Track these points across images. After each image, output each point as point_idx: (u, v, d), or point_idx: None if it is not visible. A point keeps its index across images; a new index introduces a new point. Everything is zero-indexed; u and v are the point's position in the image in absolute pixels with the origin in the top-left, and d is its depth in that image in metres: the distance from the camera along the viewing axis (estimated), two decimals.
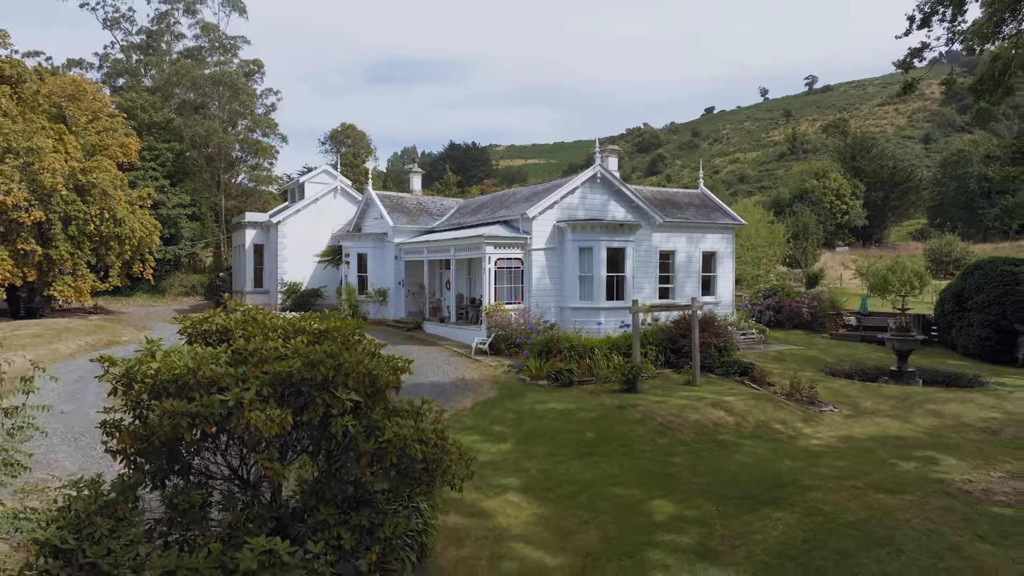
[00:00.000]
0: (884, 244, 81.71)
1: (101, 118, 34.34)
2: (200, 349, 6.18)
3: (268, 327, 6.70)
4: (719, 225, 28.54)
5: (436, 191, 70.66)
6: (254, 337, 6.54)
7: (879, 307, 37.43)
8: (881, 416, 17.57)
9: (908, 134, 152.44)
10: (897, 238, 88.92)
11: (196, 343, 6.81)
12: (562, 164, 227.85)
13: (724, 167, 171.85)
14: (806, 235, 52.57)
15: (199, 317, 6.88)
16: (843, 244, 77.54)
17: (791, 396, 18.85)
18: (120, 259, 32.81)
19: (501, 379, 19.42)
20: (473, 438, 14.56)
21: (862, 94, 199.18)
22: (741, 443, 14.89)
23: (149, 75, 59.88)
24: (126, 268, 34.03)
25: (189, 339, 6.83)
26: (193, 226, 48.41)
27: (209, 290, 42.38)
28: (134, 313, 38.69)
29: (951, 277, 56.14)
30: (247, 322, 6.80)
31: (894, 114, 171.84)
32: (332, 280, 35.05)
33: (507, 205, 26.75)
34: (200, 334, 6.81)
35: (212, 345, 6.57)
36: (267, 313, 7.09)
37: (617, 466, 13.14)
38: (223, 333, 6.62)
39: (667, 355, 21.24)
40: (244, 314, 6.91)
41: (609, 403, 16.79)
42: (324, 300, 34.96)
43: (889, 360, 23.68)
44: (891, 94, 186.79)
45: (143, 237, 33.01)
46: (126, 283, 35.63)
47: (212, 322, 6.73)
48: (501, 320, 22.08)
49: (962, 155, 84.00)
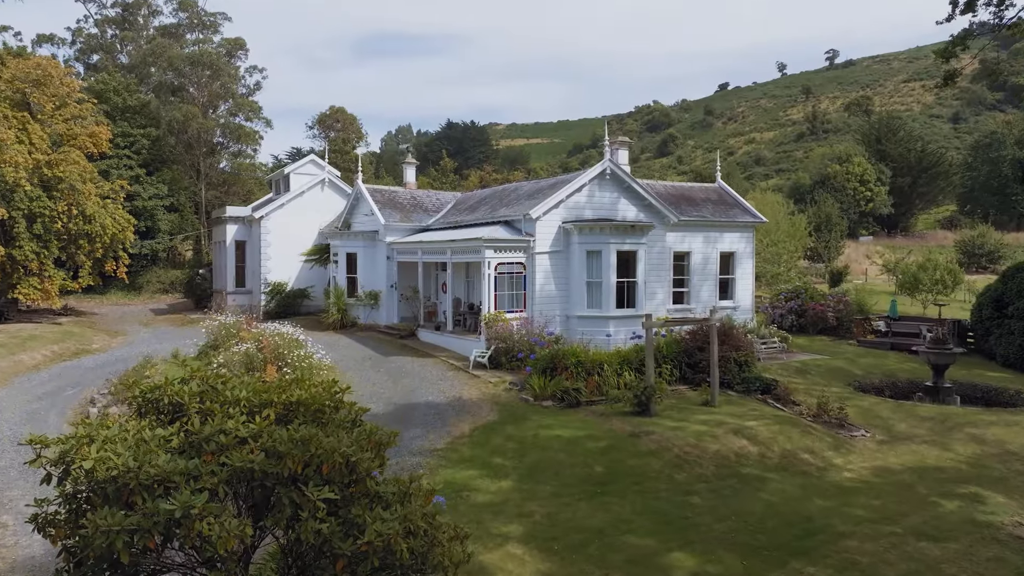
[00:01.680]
0: (911, 233, 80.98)
1: (69, 104, 33.60)
2: (148, 433, 5.55)
3: (229, 400, 6.08)
4: (738, 223, 27.86)
5: (432, 178, 69.90)
6: (212, 414, 5.91)
7: (908, 307, 36.81)
8: (918, 442, 17.00)
9: (936, 113, 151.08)
10: (924, 226, 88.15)
11: (148, 416, 6.19)
12: (567, 144, 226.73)
13: (739, 148, 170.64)
14: (829, 227, 51.85)
15: (150, 385, 6.25)
16: (867, 233, 76.80)
17: (818, 418, 18.28)
18: (91, 258, 32.22)
19: (502, 399, 18.84)
20: (471, 473, 14.01)
21: (887, 69, 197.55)
22: (766, 477, 14.32)
23: (125, 51, 58.99)
24: (98, 266, 33.44)
25: (139, 411, 6.21)
26: (171, 218, 47.76)
27: (188, 288, 41.79)
28: (108, 314, 38.16)
29: (984, 272, 55.57)
30: (205, 393, 6.17)
31: (921, 91, 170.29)
32: (320, 279, 34.42)
33: (508, 203, 26.08)
34: (151, 404, 6.18)
35: (163, 423, 5.94)
36: (228, 380, 6.46)
37: (630, 508, 12.58)
38: (177, 408, 6.00)
39: (682, 369, 20.67)
40: (202, 382, 6.29)
41: (620, 429, 16.22)
42: (312, 301, 34.35)
43: (922, 371, 23.09)
44: (917, 70, 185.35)
45: (115, 233, 32.39)
46: (98, 282, 35.07)
47: (165, 392, 6.10)
48: (502, 331, 21.48)
49: (995, 137, 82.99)
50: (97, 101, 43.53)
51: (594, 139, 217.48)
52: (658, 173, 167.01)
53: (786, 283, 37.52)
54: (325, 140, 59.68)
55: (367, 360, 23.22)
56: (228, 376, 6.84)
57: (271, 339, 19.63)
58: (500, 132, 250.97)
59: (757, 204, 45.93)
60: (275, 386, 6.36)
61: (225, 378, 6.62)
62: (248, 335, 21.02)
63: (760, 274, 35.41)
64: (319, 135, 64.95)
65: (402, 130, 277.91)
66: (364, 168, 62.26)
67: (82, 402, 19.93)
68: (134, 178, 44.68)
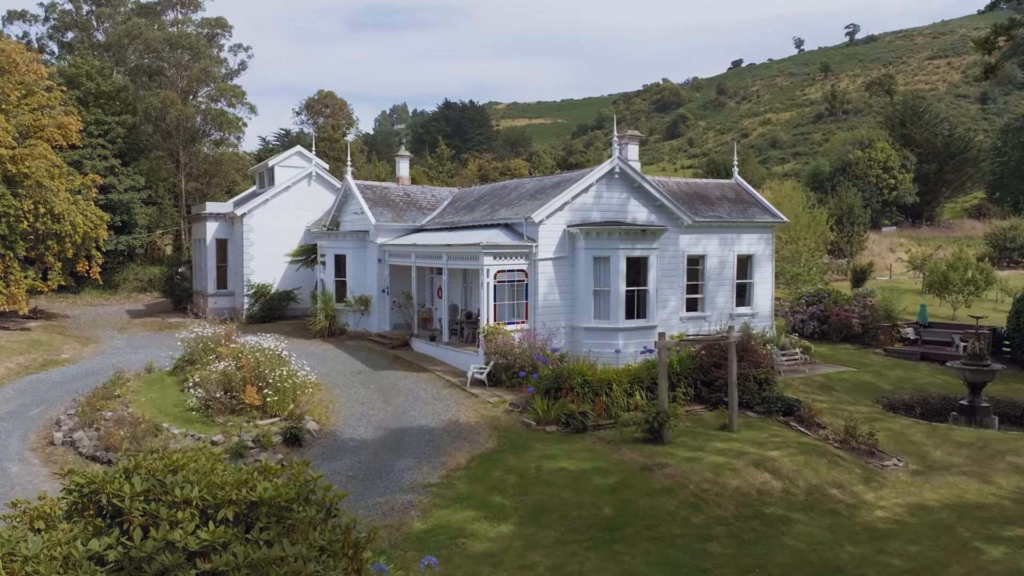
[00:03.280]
0: (937, 223, 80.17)
1: (37, 93, 32.78)
2: (78, 549, 4.91)
3: (178, 500, 5.42)
4: (757, 223, 27.17)
5: (428, 166, 69.05)
6: (158, 518, 5.26)
7: (937, 307, 36.16)
8: (955, 473, 16.40)
9: (963, 92, 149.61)
10: (951, 215, 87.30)
11: (84, 516, 5.56)
12: (571, 124, 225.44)
13: (753, 129, 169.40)
14: (851, 219, 51.08)
15: (85, 478, 5.61)
16: (890, 223, 75.99)
17: (846, 443, 17.68)
18: (61, 258, 31.55)
19: (502, 422, 18.24)
20: (468, 515, 13.42)
21: (910, 46, 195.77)
22: (791, 518, 13.74)
23: (102, 28, 57.99)
24: (69, 267, 32.78)
25: (68, 513, 5.57)
26: (149, 212, 47.04)
27: (168, 287, 41.14)
28: (81, 316, 37.55)
29: (1016, 267, 54.83)
30: (151, 490, 5.51)
31: (947, 69, 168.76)
32: (308, 280, 33.78)
33: (509, 203, 25.39)
34: (89, 499, 5.54)
35: (100, 529, 5.30)
36: (182, 465, 5.83)
37: (642, 559, 11.99)
38: (117, 511, 5.35)
39: (697, 388, 20.07)
40: (147, 476, 5.64)
41: (631, 461, 15.62)
42: (298, 304, 33.74)
43: (955, 385, 22.49)
44: (943, 46, 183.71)
45: (87, 232, 31.68)
46: (70, 282, 34.41)
47: (103, 490, 5.45)
48: (502, 345, 20.86)
49: None
50: (69, 87, 42.74)
51: (599, 119, 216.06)
52: (667, 156, 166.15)
53: (807, 283, 36.86)
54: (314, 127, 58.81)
55: (356, 375, 22.62)
56: (181, 459, 6.21)
57: (251, 356, 19.00)
58: (500, 112, 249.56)
59: (774, 196, 45.15)
60: (233, 481, 5.72)
61: (177, 464, 6.01)
62: (226, 351, 20.39)
63: (778, 272, 34.73)
64: (307, 121, 64.07)
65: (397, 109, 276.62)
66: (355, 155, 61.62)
67: (47, 423, 19.35)
68: (109, 169, 43.94)
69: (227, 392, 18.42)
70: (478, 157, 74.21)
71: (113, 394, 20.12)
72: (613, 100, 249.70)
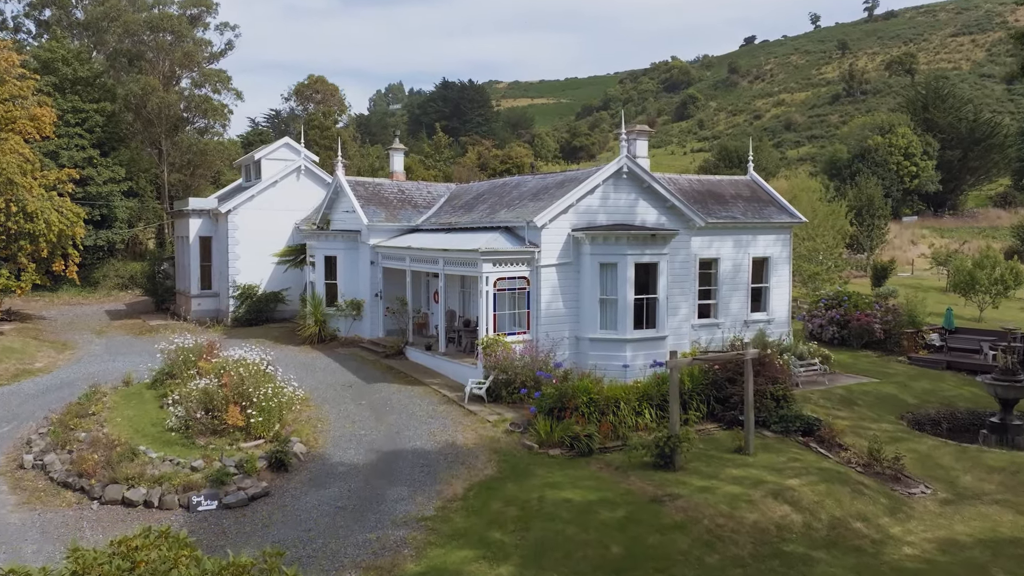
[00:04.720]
0: (960, 212, 79.58)
1: (8, 82, 32.25)
2: None
3: None
4: (773, 224, 26.68)
5: (425, 155, 68.41)
6: None
7: (962, 308, 35.72)
8: (987, 502, 16.03)
9: (987, 72, 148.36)
10: (975, 203, 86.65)
11: None
12: (575, 105, 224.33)
13: (767, 111, 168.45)
14: (871, 211, 50.50)
15: None
16: (911, 213, 75.41)
17: (870, 468, 17.30)
18: (34, 258, 31.12)
19: (502, 444, 17.84)
20: (465, 554, 13.03)
21: (932, 22, 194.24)
22: (813, 557, 13.35)
23: (81, 6, 57.29)
24: (44, 266, 32.35)
25: None
26: (130, 205, 46.52)
27: (149, 285, 40.68)
28: (58, 317, 37.16)
29: None
30: None
31: (971, 46, 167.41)
32: (297, 281, 33.37)
33: (509, 203, 24.89)
34: None
35: None
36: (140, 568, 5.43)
37: None
38: None
39: (710, 405, 19.68)
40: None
41: (640, 491, 15.22)
42: (287, 306, 33.33)
43: (983, 398, 22.10)
44: (967, 22, 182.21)
45: (63, 230, 31.26)
46: (47, 281, 33.99)
47: None
48: (502, 358, 20.44)
49: None
50: (43, 72, 42.19)
51: (605, 99, 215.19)
52: (676, 139, 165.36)
53: (825, 282, 36.40)
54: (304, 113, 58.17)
55: (347, 389, 22.21)
56: (140, 551, 5.81)
57: (234, 373, 18.57)
58: (501, 92, 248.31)
59: (790, 186, 44.61)
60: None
61: (134, 559, 5.59)
62: (208, 367, 19.96)
63: (795, 271, 34.23)
64: (297, 107, 63.34)
65: (393, 88, 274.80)
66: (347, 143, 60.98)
67: (17, 443, 18.93)
68: (87, 160, 43.42)
69: (208, 412, 18.00)
70: (478, 144, 73.49)
71: (88, 412, 19.69)
72: (620, 79, 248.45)
